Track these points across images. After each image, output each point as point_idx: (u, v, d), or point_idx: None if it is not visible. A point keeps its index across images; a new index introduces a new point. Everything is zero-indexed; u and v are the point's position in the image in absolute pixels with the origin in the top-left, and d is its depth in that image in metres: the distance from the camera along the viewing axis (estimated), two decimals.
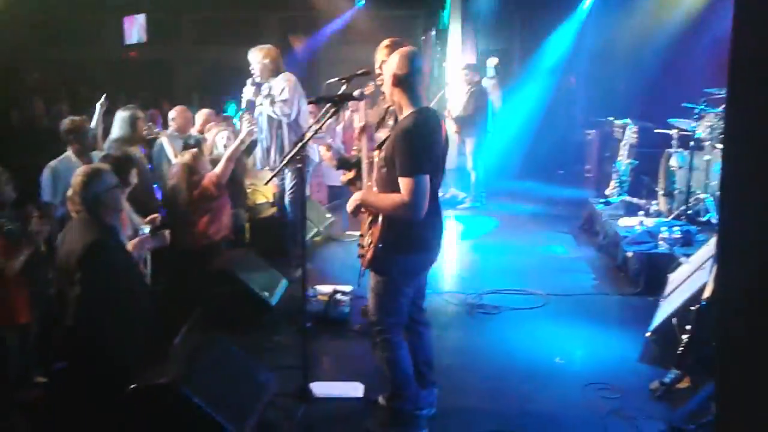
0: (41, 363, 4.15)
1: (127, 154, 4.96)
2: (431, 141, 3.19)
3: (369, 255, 3.29)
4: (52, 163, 4.90)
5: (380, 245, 3.25)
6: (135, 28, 15.26)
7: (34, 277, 4.11)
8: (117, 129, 5.83)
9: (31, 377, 4.14)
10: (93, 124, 5.74)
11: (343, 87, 3.91)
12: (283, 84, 5.68)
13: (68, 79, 12.48)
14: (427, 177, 3.11)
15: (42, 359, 4.15)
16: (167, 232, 4.34)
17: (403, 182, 3.10)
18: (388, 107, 3.78)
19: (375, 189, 3.38)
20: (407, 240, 3.24)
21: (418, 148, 3.12)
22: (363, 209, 3.39)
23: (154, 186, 5.87)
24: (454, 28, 10.82)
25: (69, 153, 4.97)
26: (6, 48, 12.88)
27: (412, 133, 3.13)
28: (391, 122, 3.73)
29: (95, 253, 3.49)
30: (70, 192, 3.78)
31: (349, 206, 3.41)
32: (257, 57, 5.74)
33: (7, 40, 12.86)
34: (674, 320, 4.07)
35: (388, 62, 3.31)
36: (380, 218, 3.26)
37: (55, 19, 12.42)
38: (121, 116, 5.85)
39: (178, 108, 6.72)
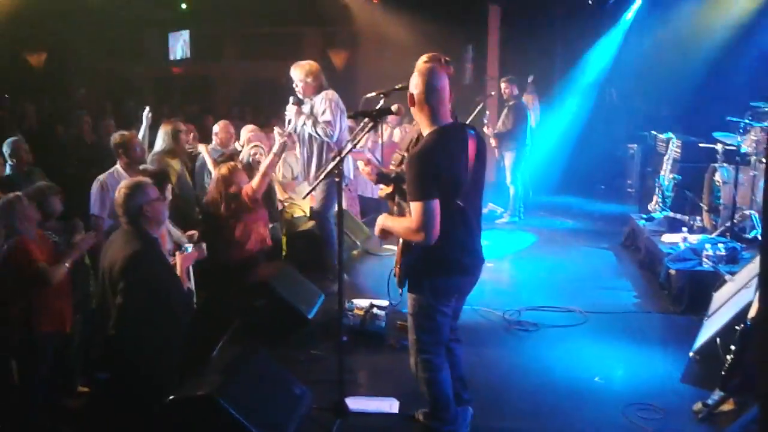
0: (84, 372, 4.25)
1: (163, 169, 5.04)
2: (446, 163, 3.07)
3: (396, 276, 3.30)
4: (101, 176, 4.97)
5: (405, 267, 3.23)
6: (179, 45, 15.64)
7: (77, 287, 4.22)
8: (160, 142, 5.95)
9: (75, 386, 4.24)
10: (140, 136, 5.86)
11: (381, 101, 3.92)
12: (326, 104, 5.68)
13: (114, 94, 12.82)
14: (436, 202, 3.00)
15: (85, 369, 4.26)
16: (204, 245, 4.41)
17: (411, 207, 3.04)
18: None
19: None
20: (435, 262, 3.16)
21: (427, 172, 3.02)
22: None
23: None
24: (493, 42, 10.80)
25: (118, 166, 5.03)
26: (54, 64, 13.30)
27: (421, 156, 3.06)
28: None
29: (138, 263, 3.56)
30: None
31: (376, 231, 3.35)
32: (299, 75, 5.75)
33: (55, 56, 13.29)
34: (718, 340, 3.97)
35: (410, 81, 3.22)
36: (401, 240, 3.26)
37: (101, 35, 12.80)
38: (164, 129, 5.97)
39: (221, 123, 6.84)
